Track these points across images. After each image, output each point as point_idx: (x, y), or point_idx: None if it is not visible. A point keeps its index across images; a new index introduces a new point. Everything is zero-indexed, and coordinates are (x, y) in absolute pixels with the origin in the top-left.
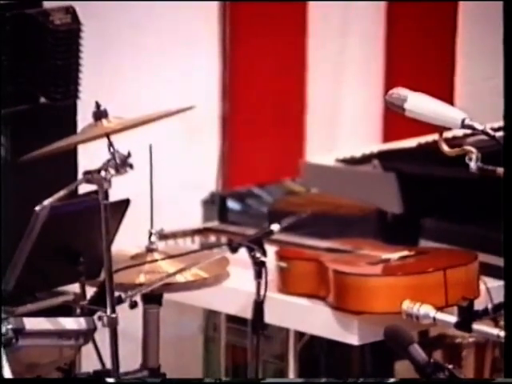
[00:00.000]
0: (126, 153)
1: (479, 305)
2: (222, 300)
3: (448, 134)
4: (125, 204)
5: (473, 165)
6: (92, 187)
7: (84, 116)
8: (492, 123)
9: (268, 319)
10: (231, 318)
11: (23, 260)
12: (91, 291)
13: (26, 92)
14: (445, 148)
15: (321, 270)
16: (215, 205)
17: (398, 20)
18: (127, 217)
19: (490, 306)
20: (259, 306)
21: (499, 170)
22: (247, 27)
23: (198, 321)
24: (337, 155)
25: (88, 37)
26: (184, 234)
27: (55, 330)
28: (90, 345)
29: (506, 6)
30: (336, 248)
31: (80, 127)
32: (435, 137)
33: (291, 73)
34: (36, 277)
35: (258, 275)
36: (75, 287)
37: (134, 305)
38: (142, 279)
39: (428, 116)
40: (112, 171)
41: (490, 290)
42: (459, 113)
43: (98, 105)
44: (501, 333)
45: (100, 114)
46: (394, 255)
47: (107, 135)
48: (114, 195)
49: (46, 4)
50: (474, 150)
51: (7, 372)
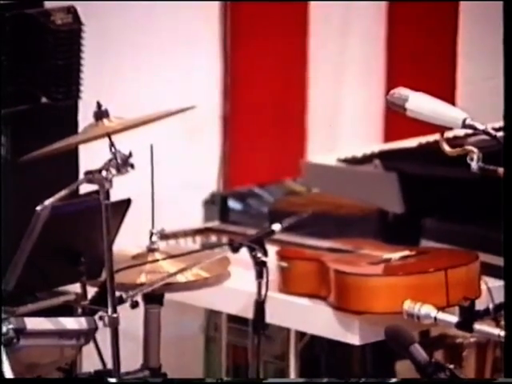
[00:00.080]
0: (127, 153)
1: (480, 305)
2: (223, 300)
3: (449, 134)
4: (126, 204)
5: (474, 165)
6: (93, 187)
7: (85, 116)
8: (492, 123)
9: (269, 319)
10: (232, 318)
11: (24, 260)
12: (92, 291)
13: (27, 92)
14: (446, 148)
15: (322, 270)
16: (216, 205)
17: (399, 20)
18: (128, 217)
19: (491, 306)
20: (260, 306)
21: (500, 170)
22: (248, 27)
23: (199, 321)
24: (338, 155)
25: (89, 37)
26: (185, 234)
27: (56, 330)
28: (91, 345)
29: (506, 6)
30: (337, 248)
31: (81, 127)
32: (436, 137)
33: (292, 73)
34: (37, 277)
35: (259, 275)
36: (76, 287)
37: (135, 305)
38: (143, 279)
39: (429, 116)
40: (113, 171)
41: (491, 290)
42: (460, 113)
43: (99, 105)
44: (502, 333)
45: (101, 114)
46: (395, 255)
47: (108, 135)
48: (115, 195)
49: (47, 4)
50: (475, 150)
51: (8, 372)
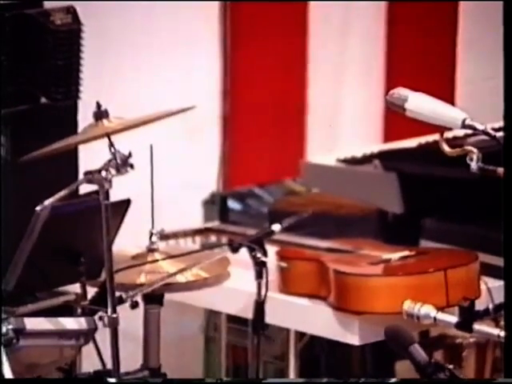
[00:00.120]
0: (127, 153)
1: (480, 305)
2: (223, 300)
3: (449, 134)
4: (125, 204)
5: (473, 165)
6: (93, 187)
7: (85, 116)
8: (492, 123)
9: (269, 319)
10: (232, 318)
11: (24, 260)
12: (92, 291)
13: (27, 92)
14: (445, 148)
15: (321, 270)
16: (216, 205)
17: (399, 20)
18: (128, 217)
19: (491, 306)
20: (260, 306)
21: (500, 170)
22: (248, 27)
23: (199, 321)
24: (337, 155)
25: (88, 37)
26: (185, 234)
27: (56, 330)
28: (91, 345)
29: (506, 6)
30: (337, 248)
31: (81, 127)
32: (436, 137)
33: (292, 73)
34: (37, 277)
35: (259, 275)
36: (76, 287)
37: (135, 305)
38: (143, 279)
39: (428, 116)
40: (113, 171)
41: (491, 290)
42: (460, 113)
43: (99, 105)
44: (501, 333)
45: (101, 114)
46: (395, 255)
47: (108, 135)
48: (115, 195)
49: (47, 4)
50: (475, 150)
51: (8, 372)
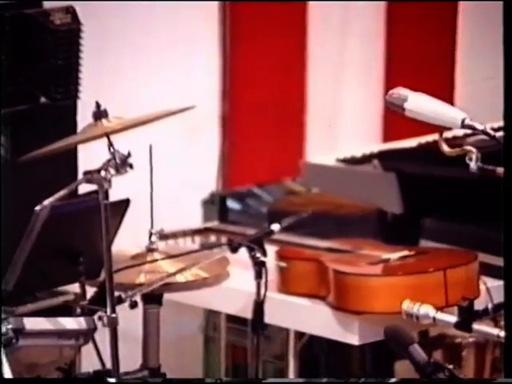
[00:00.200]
0: (126, 153)
1: (479, 305)
2: (222, 300)
3: (448, 134)
4: (125, 204)
5: (473, 165)
6: (92, 187)
7: (84, 116)
8: (492, 123)
9: (268, 319)
10: (231, 318)
11: (23, 260)
12: (91, 291)
13: (26, 92)
14: (445, 148)
15: (321, 270)
16: (215, 205)
17: (398, 20)
18: (127, 217)
19: (490, 306)
20: (259, 306)
21: (499, 170)
22: (247, 27)
23: (198, 321)
24: (337, 155)
25: (88, 37)
26: (184, 234)
27: (55, 330)
28: (90, 345)
29: (506, 6)
30: (336, 248)
31: (80, 127)
32: (435, 137)
33: (291, 73)
34: (36, 277)
35: (258, 275)
36: (75, 287)
37: (134, 305)
38: (142, 279)
39: (428, 116)
40: (112, 171)
41: (490, 290)
42: (459, 113)
43: (98, 105)
44: (501, 333)
45: (100, 114)
46: (394, 255)
47: (107, 135)
48: (114, 195)
49: (46, 4)
50: (474, 150)
51: (7, 372)
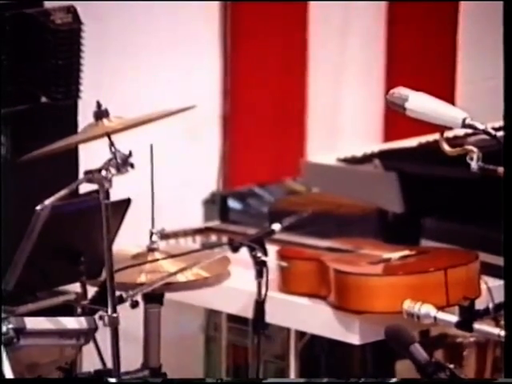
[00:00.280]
0: (127, 152)
1: (480, 304)
2: (223, 299)
3: (449, 134)
4: (126, 203)
5: (474, 164)
6: (93, 187)
7: (85, 115)
8: (492, 123)
9: (269, 319)
10: (232, 318)
11: (24, 259)
12: (92, 291)
13: (27, 92)
14: (446, 147)
15: (322, 270)
16: (216, 204)
17: (399, 20)
18: (128, 216)
19: (491, 306)
20: (260, 306)
21: (500, 170)
22: (248, 27)
23: (199, 320)
24: (338, 155)
25: (89, 36)
26: (185, 234)
27: (56, 330)
28: (91, 344)
29: (506, 6)
30: (337, 247)
31: (81, 127)
32: (436, 136)
33: (292, 73)
34: (37, 276)
35: (259, 275)
36: (76, 287)
37: (135, 304)
38: (143, 279)
39: (429, 115)
40: (113, 171)
41: (491, 290)
42: (460, 112)
43: (99, 104)
44: (501, 332)
45: (101, 114)
46: (395, 255)
47: (108, 135)
48: (115, 195)
49: (47, 4)
50: (475, 150)
51: (8, 371)
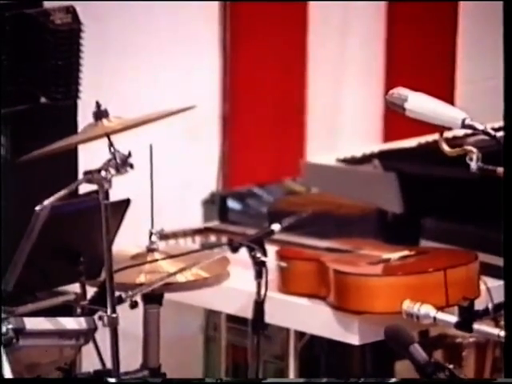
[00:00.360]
0: (127, 153)
1: (480, 305)
2: (223, 300)
3: (448, 134)
4: (125, 204)
5: (473, 165)
6: (92, 187)
7: (84, 116)
8: (492, 123)
9: (268, 319)
10: (231, 318)
11: (23, 260)
12: (92, 291)
13: (27, 92)
14: (445, 148)
15: (321, 270)
16: (215, 204)
17: (399, 20)
18: (128, 217)
19: (491, 306)
20: (259, 306)
21: (499, 170)
22: (248, 27)
23: (199, 321)
24: (337, 155)
25: (88, 37)
26: (184, 234)
27: (56, 330)
28: (91, 345)
29: (506, 6)
30: (336, 248)
31: (80, 127)
32: (436, 137)
33: (292, 73)
34: (36, 276)
35: (259, 275)
36: (76, 287)
37: (135, 305)
38: (143, 279)
39: (428, 116)
40: (112, 171)
41: (491, 290)
42: (459, 113)
43: (99, 105)
44: (501, 333)
45: (100, 114)
46: (395, 255)
47: (108, 135)
48: (115, 195)
49: (47, 4)
50: (475, 150)
51: (8, 372)
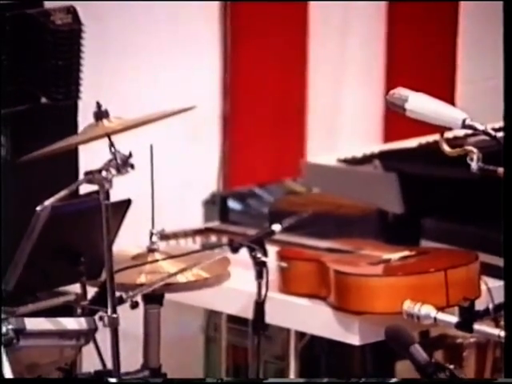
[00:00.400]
0: (127, 153)
1: (480, 305)
2: (223, 300)
3: (449, 134)
4: (126, 204)
5: (474, 165)
6: (93, 187)
7: (85, 116)
8: (492, 123)
9: (269, 319)
10: (232, 319)
11: (24, 260)
12: (92, 291)
13: (27, 92)
14: (446, 148)
15: (322, 270)
16: (216, 205)
17: (399, 20)
18: (128, 217)
19: (491, 306)
20: (260, 307)
21: (500, 170)
22: (248, 27)
23: (199, 321)
24: (338, 155)
25: (89, 37)
26: (185, 234)
27: (56, 330)
28: (91, 345)
29: (506, 6)
30: (337, 248)
31: (81, 127)
32: (436, 137)
33: (292, 73)
34: (37, 277)
35: (259, 275)
36: (76, 287)
37: (135, 305)
38: (143, 279)
39: (429, 116)
40: (113, 171)
41: (491, 290)
42: (460, 113)
43: (99, 105)
44: (501, 333)
45: (101, 114)
46: (395, 255)
47: (108, 135)
48: (115, 195)
49: (47, 4)
50: (475, 150)
51: (8, 372)
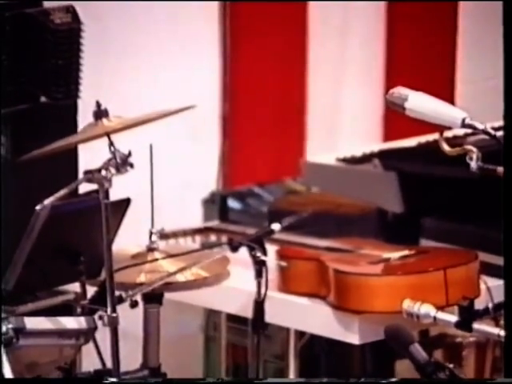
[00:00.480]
0: (127, 152)
1: (480, 304)
2: (223, 299)
3: (448, 134)
4: (125, 203)
5: (473, 164)
6: (93, 186)
7: (84, 115)
8: (492, 123)
9: (268, 318)
10: (232, 318)
11: (24, 259)
12: (92, 290)
13: (27, 91)
14: (445, 147)
15: (321, 270)
16: (216, 204)
17: (399, 20)
18: (128, 216)
19: (491, 306)
20: (260, 306)
21: (499, 170)
22: (248, 27)
23: (199, 320)
24: (337, 154)
25: (88, 37)
26: (185, 234)
27: (56, 330)
28: (91, 344)
29: (506, 6)
30: (336, 247)
31: (80, 126)
32: (436, 136)
33: (292, 72)
34: (36, 276)
35: (259, 274)
36: (76, 286)
37: (135, 304)
38: (143, 278)
39: (429, 115)
40: (113, 170)
41: (491, 290)
42: (460, 112)
43: (99, 104)
44: (501, 332)
45: (100, 114)
46: (395, 254)
47: (108, 134)
48: (115, 194)
49: (47, 3)
50: (475, 150)
51: (8, 371)
